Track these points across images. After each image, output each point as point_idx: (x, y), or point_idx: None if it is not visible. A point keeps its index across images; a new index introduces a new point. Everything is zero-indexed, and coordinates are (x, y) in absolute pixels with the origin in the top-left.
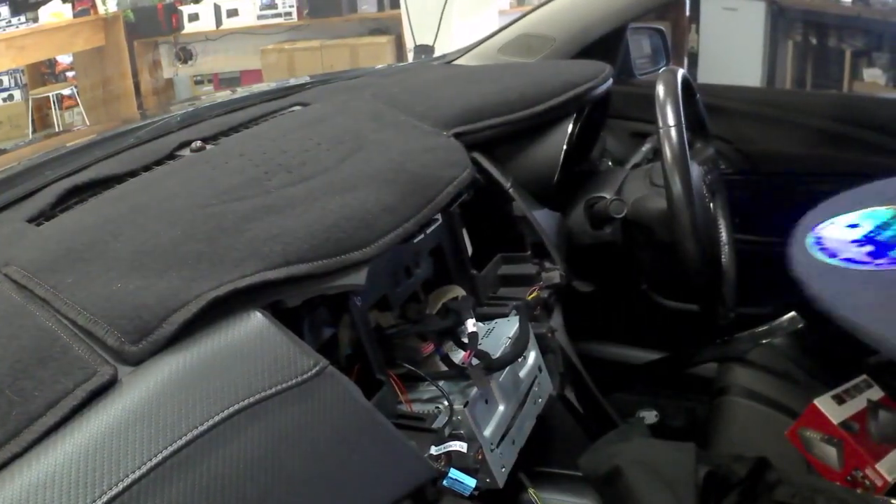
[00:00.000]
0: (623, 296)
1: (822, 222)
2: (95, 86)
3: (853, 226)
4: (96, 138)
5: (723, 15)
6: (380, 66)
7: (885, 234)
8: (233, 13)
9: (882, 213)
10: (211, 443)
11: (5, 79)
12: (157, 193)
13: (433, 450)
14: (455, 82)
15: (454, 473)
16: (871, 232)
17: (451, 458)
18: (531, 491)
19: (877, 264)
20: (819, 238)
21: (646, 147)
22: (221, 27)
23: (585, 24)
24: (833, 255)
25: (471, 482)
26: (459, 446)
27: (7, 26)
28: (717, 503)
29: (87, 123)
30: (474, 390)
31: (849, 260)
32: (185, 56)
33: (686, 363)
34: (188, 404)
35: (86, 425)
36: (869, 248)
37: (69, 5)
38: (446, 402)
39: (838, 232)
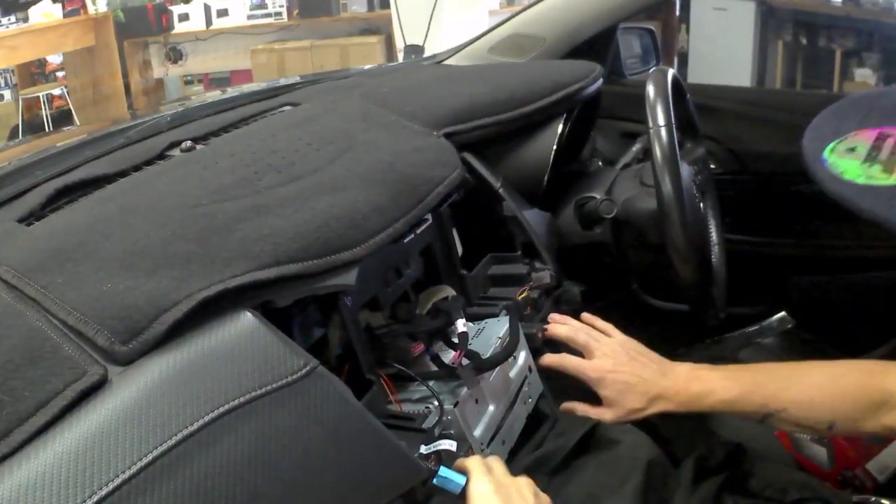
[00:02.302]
0: (613, 296)
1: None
2: (85, 86)
3: (852, 149)
4: (86, 138)
5: (713, 15)
6: (370, 66)
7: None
8: (223, 13)
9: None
10: (201, 443)
11: None
12: (147, 193)
13: (423, 449)
14: (445, 82)
15: (444, 472)
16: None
17: (442, 458)
18: None
19: None
20: (832, 164)
21: (636, 147)
22: (211, 27)
23: (576, 24)
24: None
25: (461, 480)
26: (449, 445)
27: None
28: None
29: (78, 123)
30: (464, 390)
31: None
32: (175, 56)
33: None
34: (178, 404)
35: (76, 425)
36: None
37: (59, 5)
38: (436, 402)
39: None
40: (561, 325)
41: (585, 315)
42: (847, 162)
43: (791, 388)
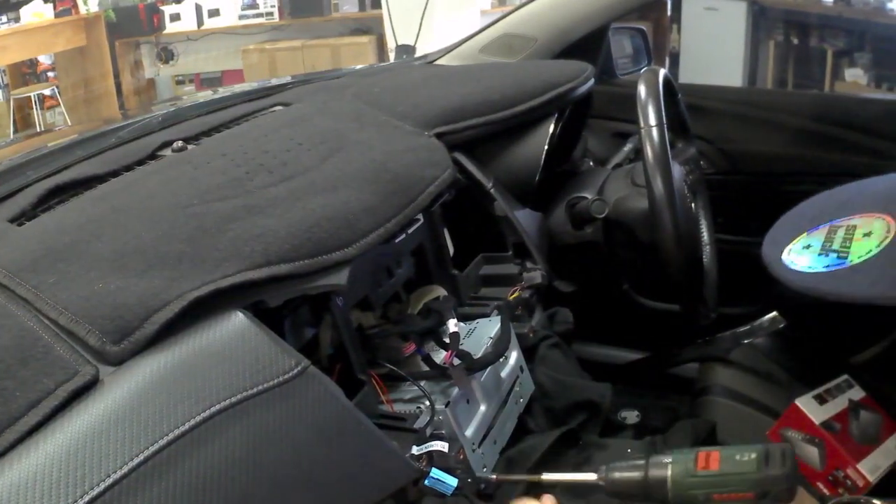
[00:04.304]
0: (604, 296)
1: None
2: (77, 86)
3: (807, 246)
4: (78, 138)
5: (704, 15)
6: (361, 66)
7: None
8: (214, 13)
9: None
10: (192, 443)
11: None
12: (138, 193)
13: (414, 450)
14: (436, 82)
15: (436, 473)
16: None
17: (433, 458)
18: None
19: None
20: (791, 262)
21: (627, 147)
22: (203, 27)
23: (567, 24)
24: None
25: (452, 482)
26: (441, 446)
27: None
28: None
29: (69, 123)
30: (456, 390)
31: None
32: (166, 56)
33: (667, 363)
34: (169, 404)
35: (67, 425)
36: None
37: (50, 5)
38: (428, 402)
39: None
40: None
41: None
42: (805, 258)
43: None
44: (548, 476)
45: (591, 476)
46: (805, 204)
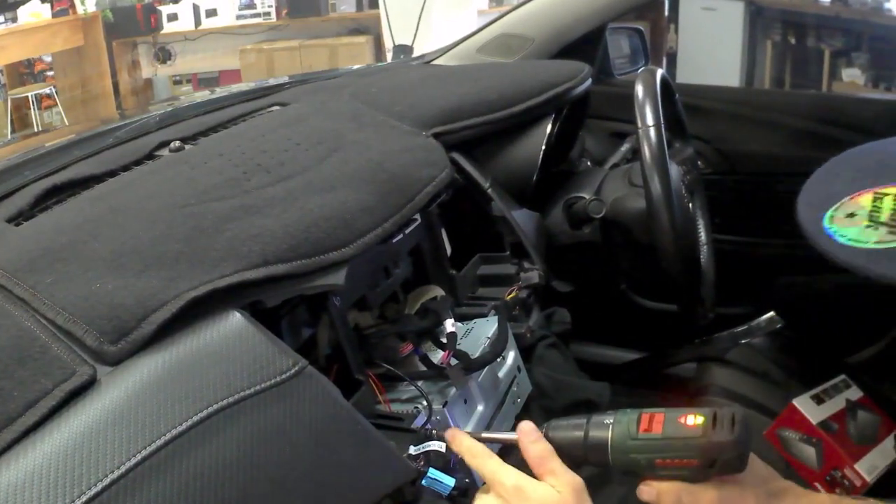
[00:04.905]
0: (602, 296)
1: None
2: (74, 86)
3: (851, 215)
4: (75, 138)
5: (701, 15)
6: (359, 66)
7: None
8: (212, 13)
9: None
10: (190, 443)
11: None
12: (135, 193)
13: (412, 449)
14: (434, 82)
15: (433, 473)
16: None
17: (430, 458)
18: None
19: None
20: (835, 232)
21: (625, 147)
22: (200, 27)
23: (564, 24)
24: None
25: (450, 481)
26: (438, 446)
27: None
28: None
29: (66, 123)
30: (453, 390)
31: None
32: (163, 56)
33: (665, 363)
34: (167, 404)
35: (65, 425)
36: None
37: (48, 5)
38: (425, 402)
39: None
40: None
41: None
42: (851, 229)
43: None
44: (490, 435)
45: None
46: (837, 161)
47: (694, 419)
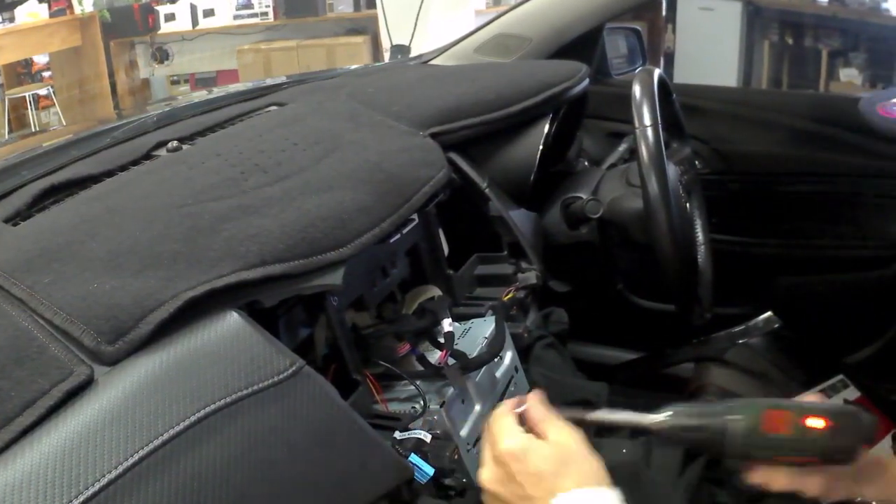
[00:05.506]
0: (599, 296)
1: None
2: (72, 86)
3: None
4: (73, 138)
5: (699, 15)
6: (356, 66)
7: None
8: (209, 13)
9: None
10: (187, 443)
11: None
12: (133, 193)
13: (397, 434)
14: (431, 82)
15: (414, 459)
16: None
17: (414, 446)
18: None
19: None
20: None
21: (622, 147)
22: (198, 27)
23: (562, 24)
24: None
25: (429, 470)
26: (423, 435)
27: None
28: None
29: (64, 123)
30: (450, 390)
31: None
32: (161, 56)
33: (662, 363)
34: (164, 404)
35: (62, 425)
36: None
37: (45, 5)
38: (422, 402)
39: None
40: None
41: None
42: None
43: None
44: (603, 415)
45: (650, 419)
46: None
47: (821, 422)
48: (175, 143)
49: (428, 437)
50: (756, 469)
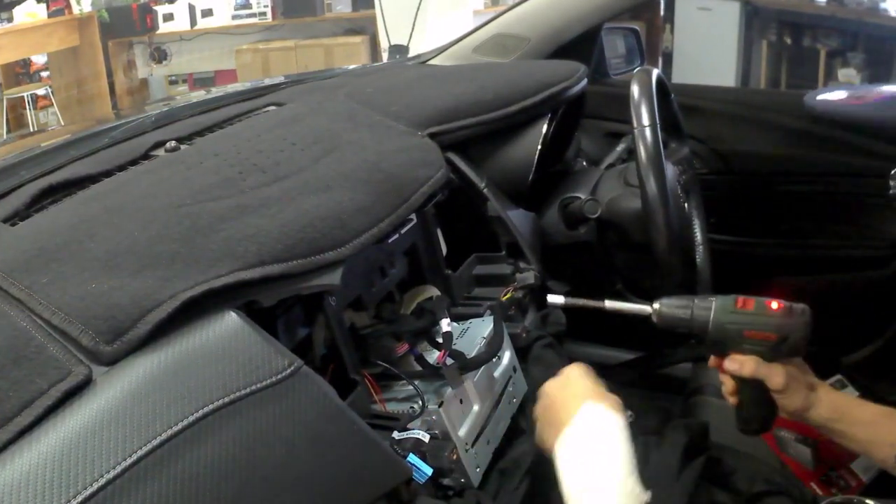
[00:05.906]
0: (598, 295)
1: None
2: (70, 86)
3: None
4: (71, 138)
5: (697, 15)
6: (354, 66)
7: None
8: (207, 13)
9: None
10: (185, 443)
11: None
12: (131, 193)
13: (395, 434)
14: (430, 82)
15: (412, 459)
16: None
17: (412, 445)
18: None
19: None
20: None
21: (620, 147)
22: (196, 27)
23: (560, 24)
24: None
25: (427, 470)
26: (421, 435)
27: None
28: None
29: (62, 123)
30: (449, 390)
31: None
32: (159, 56)
33: (660, 363)
34: (163, 404)
35: (60, 425)
36: None
37: (43, 5)
38: (421, 402)
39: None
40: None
41: None
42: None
43: None
44: (609, 304)
45: (646, 308)
46: None
47: (776, 304)
48: (173, 144)
49: (426, 437)
50: (730, 359)
